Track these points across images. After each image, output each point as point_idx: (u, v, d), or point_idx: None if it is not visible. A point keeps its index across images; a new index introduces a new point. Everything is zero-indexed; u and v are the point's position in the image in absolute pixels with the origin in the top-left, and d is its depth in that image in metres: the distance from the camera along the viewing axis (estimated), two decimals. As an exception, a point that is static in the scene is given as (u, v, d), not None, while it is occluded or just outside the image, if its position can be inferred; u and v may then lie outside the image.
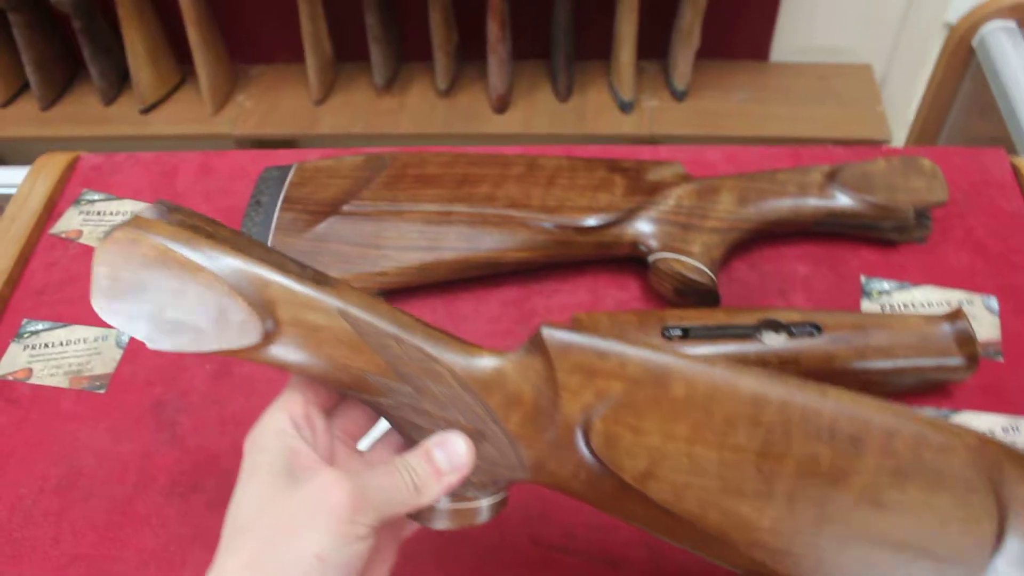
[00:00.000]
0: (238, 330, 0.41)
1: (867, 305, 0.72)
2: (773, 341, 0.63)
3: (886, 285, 0.73)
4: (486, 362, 0.44)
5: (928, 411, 0.66)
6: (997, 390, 0.67)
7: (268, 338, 0.41)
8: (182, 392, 0.71)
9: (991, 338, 0.70)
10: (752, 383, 0.44)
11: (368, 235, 0.70)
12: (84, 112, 1.86)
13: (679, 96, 1.69)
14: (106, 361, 0.74)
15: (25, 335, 0.76)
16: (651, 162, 0.75)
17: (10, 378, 0.73)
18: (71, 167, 0.90)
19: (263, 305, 0.41)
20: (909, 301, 0.72)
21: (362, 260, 0.70)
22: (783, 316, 0.63)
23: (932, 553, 0.43)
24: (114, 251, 0.40)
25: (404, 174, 0.74)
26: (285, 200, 0.74)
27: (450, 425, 0.44)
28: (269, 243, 0.72)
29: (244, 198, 0.83)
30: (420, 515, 0.45)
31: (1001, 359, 0.69)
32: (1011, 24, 0.95)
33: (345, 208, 0.72)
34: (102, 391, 0.72)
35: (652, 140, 1.67)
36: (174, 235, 0.40)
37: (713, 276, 0.68)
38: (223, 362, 0.72)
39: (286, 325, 0.41)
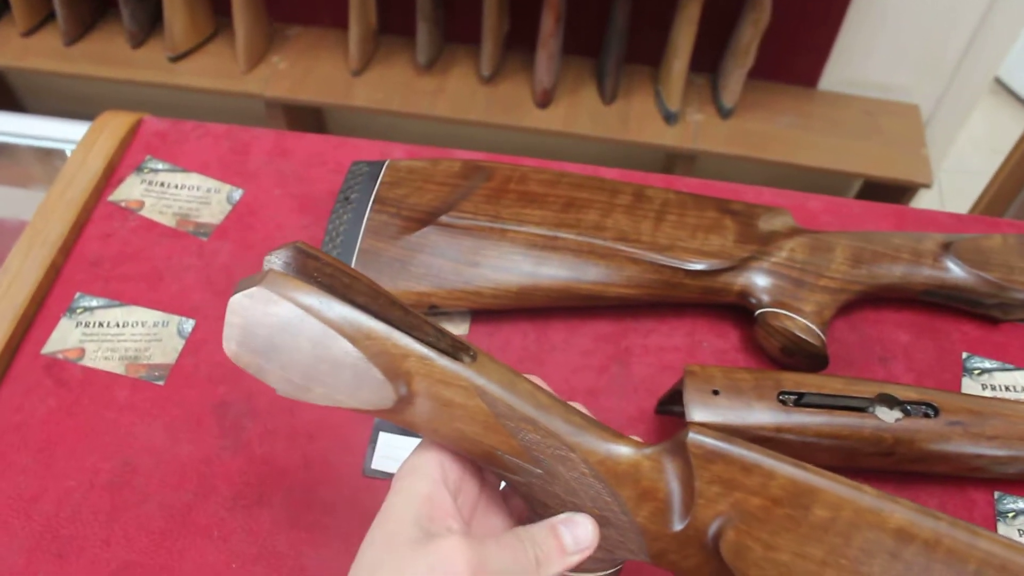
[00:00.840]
0: (372, 394, 0.40)
1: (968, 383, 0.69)
2: (888, 417, 0.60)
3: (988, 364, 0.70)
4: (623, 452, 0.43)
5: (1023, 503, 0.63)
6: (1094, 488, 0.65)
7: (401, 405, 0.41)
8: (249, 394, 0.67)
9: (1091, 432, 0.68)
10: (900, 518, 0.42)
11: (466, 251, 0.67)
12: (109, 52, 1.80)
13: (725, 114, 1.66)
14: (166, 350, 0.70)
15: (78, 310, 0.72)
16: (761, 207, 0.71)
17: (61, 356, 0.69)
18: (133, 130, 0.86)
19: (399, 375, 0.40)
20: (1012, 384, 0.70)
21: (457, 276, 0.66)
22: (900, 392, 0.61)
23: None
24: (249, 307, 0.38)
25: (506, 189, 0.70)
26: (376, 200, 0.70)
27: (578, 508, 0.44)
28: (358, 245, 0.68)
29: (321, 186, 0.79)
30: None
31: (1100, 456, 0.67)
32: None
33: (444, 219, 0.68)
34: (161, 383, 0.68)
35: (693, 155, 1.64)
36: (312, 300, 0.38)
37: (823, 337, 0.65)
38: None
39: (420, 397, 0.41)
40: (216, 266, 0.75)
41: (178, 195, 0.80)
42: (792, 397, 0.60)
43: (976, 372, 0.70)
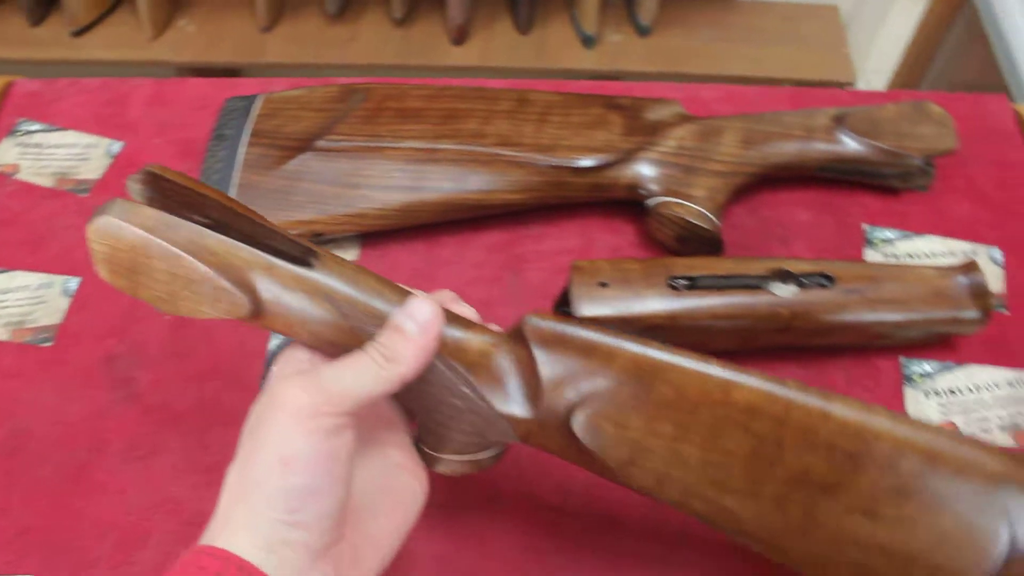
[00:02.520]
0: (229, 304, 0.41)
1: (870, 254, 0.69)
2: (783, 292, 0.59)
3: (889, 234, 0.70)
4: (472, 342, 0.44)
5: (928, 366, 0.63)
6: (1002, 343, 0.65)
7: (258, 313, 0.42)
8: (138, 345, 0.65)
9: (996, 290, 0.68)
10: (748, 393, 0.42)
11: (345, 173, 0.65)
12: (8, 33, 1.73)
13: (643, 32, 1.64)
14: (52, 311, 0.67)
15: (-41, 279, 0.69)
16: (649, 100, 0.70)
17: (-57, 329, 0.66)
18: (4, 94, 0.82)
19: (246, 285, 0.41)
20: (913, 251, 0.69)
21: (338, 200, 0.64)
22: (793, 266, 0.60)
23: (925, 564, 0.41)
24: (102, 234, 0.40)
25: (384, 107, 0.68)
26: (252, 134, 0.68)
27: (438, 400, 0.44)
28: (235, 180, 0.66)
29: (204, 131, 0.76)
30: (424, 454, 0.46)
31: (1006, 312, 0.67)
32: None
33: (319, 144, 0.66)
34: (48, 344, 0.65)
35: (614, 76, 1.62)
36: (156, 225, 0.40)
37: (717, 222, 0.64)
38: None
39: (271, 304, 0.42)
40: (99, 221, 0.72)
41: (55, 154, 0.77)
42: (684, 282, 0.59)
43: (878, 243, 0.69)
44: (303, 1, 1.71)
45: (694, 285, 0.58)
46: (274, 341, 0.65)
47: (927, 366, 0.63)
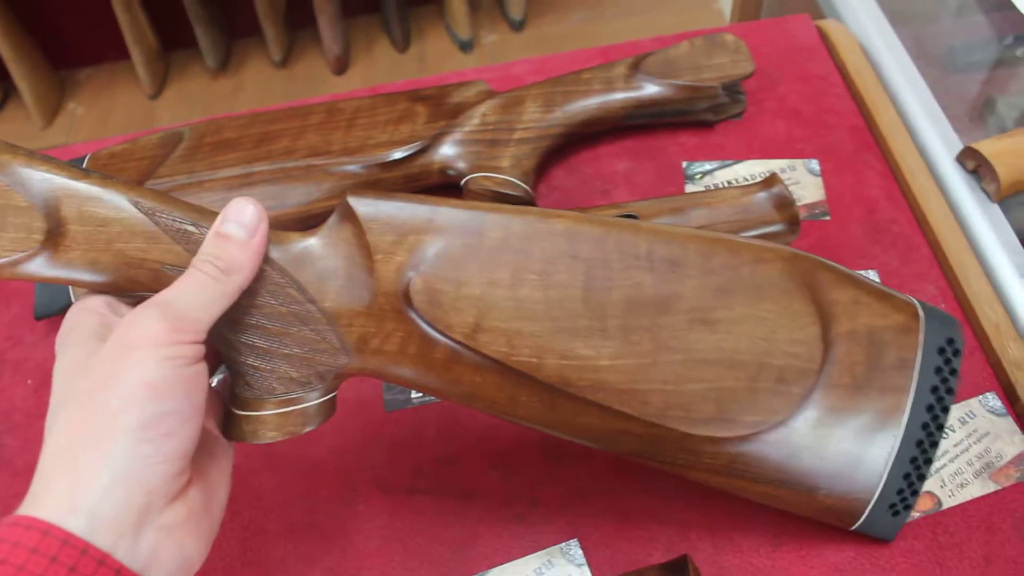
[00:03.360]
0: (17, 230, 0.37)
1: (691, 189, 0.71)
2: (594, 241, 0.61)
3: (708, 166, 0.72)
4: (292, 238, 0.42)
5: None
6: (827, 248, 0.67)
7: (52, 239, 0.38)
8: (3, 413, 0.67)
9: (817, 199, 0.70)
10: (565, 222, 0.44)
11: (169, 212, 0.67)
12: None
13: (517, 26, 1.67)
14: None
15: None
16: (453, 85, 0.72)
17: None
18: None
19: (45, 204, 0.38)
20: (732, 178, 0.71)
21: (168, 239, 0.66)
22: (598, 213, 0.62)
23: (769, 365, 0.45)
24: None
25: (201, 144, 0.70)
26: (80, 192, 0.70)
27: (260, 309, 0.41)
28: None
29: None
30: (244, 429, 0.42)
31: (828, 218, 0.69)
32: None
33: (141, 188, 0.68)
34: (-80, 429, 0.67)
35: (498, 75, 1.65)
36: None
37: (528, 187, 0.66)
38: (45, 375, 0.68)
39: (72, 223, 0.38)
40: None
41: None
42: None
43: (697, 176, 0.72)
44: (185, 62, 1.74)
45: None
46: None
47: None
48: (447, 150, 0.67)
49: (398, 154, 0.67)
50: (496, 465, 0.58)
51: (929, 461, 0.48)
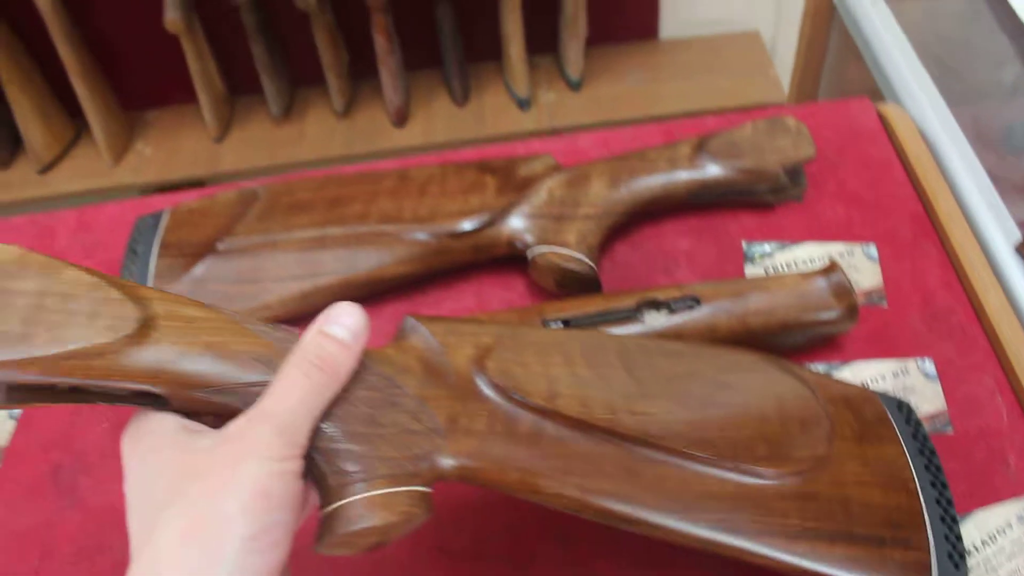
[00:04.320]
0: (112, 319, 0.38)
1: (751, 270, 0.73)
2: (655, 320, 0.63)
3: (767, 247, 0.74)
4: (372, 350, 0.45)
5: (819, 367, 0.66)
6: (884, 336, 0.68)
7: (143, 332, 0.38)
8: (80, 453, 0.69)
9: (874, 285, 0.71)
10: (584, 332, 0.56)
11: (246, 271, 0.69)
12: (-21, 179, 1.82)
13: (574, 86, 1.70)
14: (-1, 435, 0.72)
15: (-88, 420, 0.74)
16: (521, 158, 0.74)
17: (-99, 467, 0.71)
18: (-54, 241, 0.88)
19: (137, 300, 0.39)
20: (791, 260, 0.73)
21: (243, 297, 0.69)
22: (662, 294, 0.64)
23: (790, 415, 0.53)
24: None
25: (276, 204, 0.73)
26: (161, 247, 0.73)
27: (358, 399, 0.42)
28: (148, 292, 0.71)
29: (123, 250, 0.82)
30: (341, 525, 0.40)
31: (885, 305, 0.70)
32: (865, -26, 0.97)
33: (220, 247, 0.71)
34: (-3, 466, 0.70)
35: (552, 133, 1.68)
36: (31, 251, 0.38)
37: (592, 263, 0.68)
38: (121, 418, 0.71)
39: (162, 319, 0.39)
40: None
41: (-6, 292, 0.83)
42: (558, 324, 0.63)
43: (757, 257, 0.73)
44: (250, 108, 1.79)
45: (568, 325, 0.63)
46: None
47: (818, 368, 0.66)
48: (515, 223, 0.69)
49: (467, 225, 0.69)
50: (557, 535, 0.59)
51: (950, 502, 0.52)
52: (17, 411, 0.73)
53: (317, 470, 0.41)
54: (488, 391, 0.46)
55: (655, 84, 1.72)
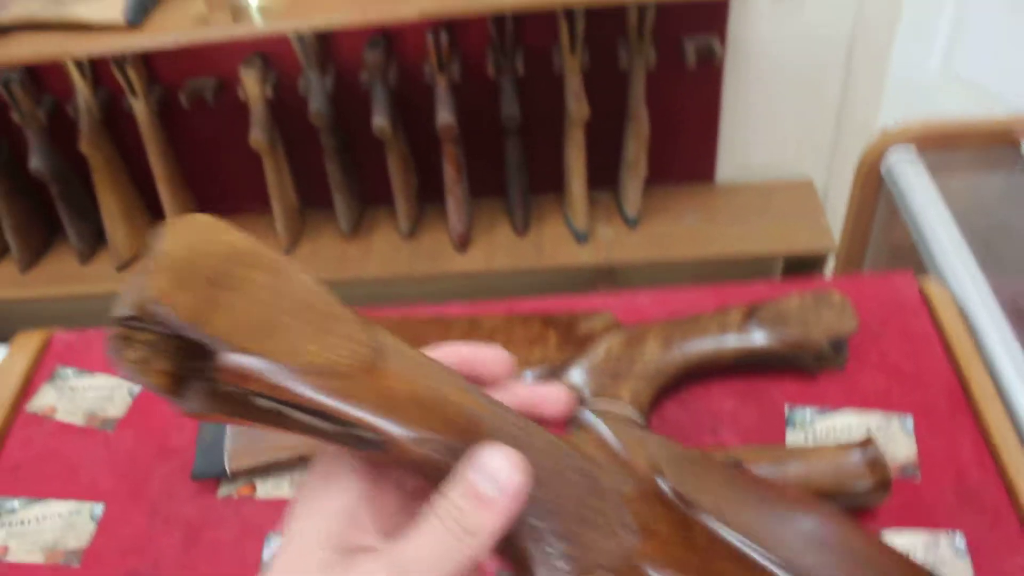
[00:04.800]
0: (345, 338, 0.35)
1: (791, 434, 0.77)
2: (700, 479, 0.67)
3: (808, 413, 0.78)
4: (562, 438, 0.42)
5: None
6: (917, 508, 0.72)
7: (376, 361, 0.35)
8: (154, 562, 0.74)
9: (909, 458, 0.75)
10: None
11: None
12: (62, 272, 1.93)
13: (631, 224, 1.77)
14: (80, 535, 0.77)
15: (2, 514, 0.80)
16: (583, 314, 0.80)
17: (-13, 560, 0.76)
18: (46, 344, 0.96)
19: (366, 324, 0.36)
20: (831, 427, 0.77)
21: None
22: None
23: None
24: (192, 229, 0.35)
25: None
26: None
27: (560, 499, 0.38)
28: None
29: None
30: None
31: (919, 478, 0.74)
32: (911, 153, 1.03)
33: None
34: (76, 565, 0.75)
35: (609, 268, 1.74)
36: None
37: (642, 421, 0.73)
38: (193, 531, 0.76)
39: (390, 351, 0.36)
40: (121, 453, 0.83)
41: (86, 396, 0.89)
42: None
43: (798, 423, 0.77)
44: (320, 221, 1.89)
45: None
46: (268, 551, 0.74)
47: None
48: (575, 377, 0.75)
49: (529, 375, 0.75)
50: None
51: None
52: (98, 512, 0.79)
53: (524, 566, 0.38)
54: (670, 495, 0.45)
55: (710, 226, 1.78)
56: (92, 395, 0.90)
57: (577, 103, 1.59)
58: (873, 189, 1.07)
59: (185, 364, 0.34)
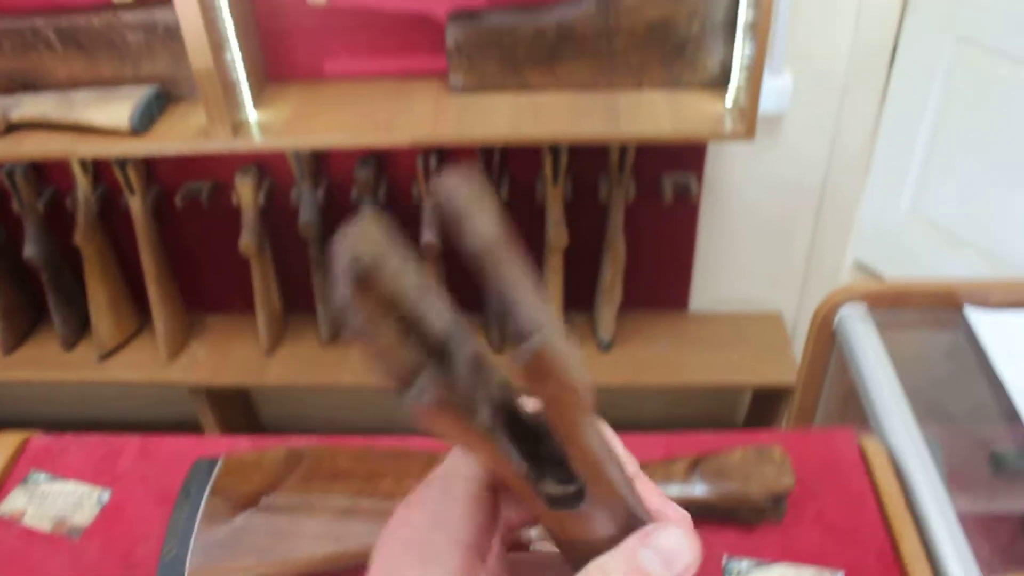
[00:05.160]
0: None
1: (727, 585, 0.81)
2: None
3: (744, 565, 0.82)
4: None
5: None
6: (842, 664, 0.75)
7: None
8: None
9: (840, 613, 0.79)
10: None
11: (282, 528, 0.79)
12: (45, 357, 1.96)
13: (604, 347, 1.82)
14: (38, 645, 0.80)
15: (-38, 618, 0.82)
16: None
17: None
18: (21, 448, 0.99)
19: None
20: (765, 579, 0.81)
21: (274, 551, 0.78)
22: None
23: None
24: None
25: (319, 469, 0.83)
26: (212, 491, 0.83)
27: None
28: (195, 532, 0.80)
29: (178, 482, 0.92)
30: None
31: (847, 634, 0.77)
32: (861, 309, 1.09)
33: (263, 501, 0.81)
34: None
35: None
36: None
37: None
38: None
39: None
40: (85, 564, 0.86)
41: (55, 502, 0.92)
42: None
43: (735, 574, 0.81)
44: (301, 327, 1.93)
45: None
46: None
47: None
48: (521, 518, 0.79)
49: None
50: None
51: None
52: (57, 623, 0.81)
53: None
54: None
55: (681, 353, 1.83)
56: (61, 501, 0.93)
57: (557, 231, 1.66)
58: (826, 341, 1.13)
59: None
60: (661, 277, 1.89)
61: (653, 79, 1.53)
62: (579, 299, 1.85)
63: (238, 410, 2.10)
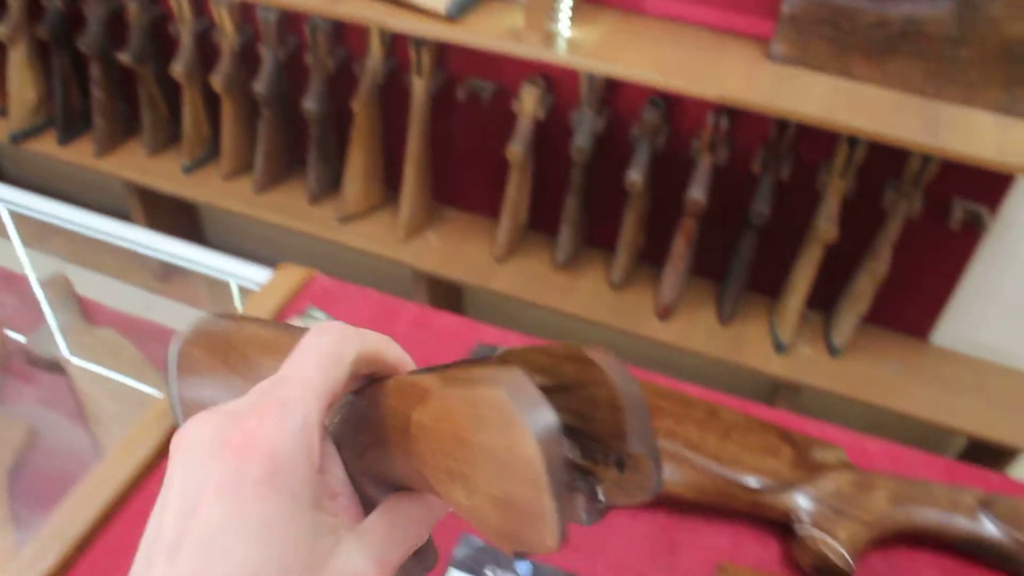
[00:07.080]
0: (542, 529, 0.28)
1: (989, 634, 0.76)
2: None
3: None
4: None
5: None
6: None
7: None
8: None
9: None
10: None
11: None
12: (291, 205, 2.05)
13: (834, 352, 1.75)
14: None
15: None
16: (818, 441, 0.81)
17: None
18: (305, 282, 1.03)
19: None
20: (1030, 643, 0.75)
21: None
22: None
23: None
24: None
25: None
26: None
27: None
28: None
29: (447, 357, 0.93)
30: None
31: None
32: None
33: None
34: None
35: (797, 386, 1.73)
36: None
37: (852, 564, 0.73)
38: None
39: None
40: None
41: (330, 344, 0.96)
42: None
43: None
44: (537, 244, 1.94)
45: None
46: None
47: None
48: (800, 500, 0.76)
49: (755, 483, 0.76)
50: None
51: None
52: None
53: None
54: None
55: (910, 381, 1.74)
56: (335, 344, 0.96)
57: (827, 224, 1.59)
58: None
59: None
60: (913, 301, 1.79)
61: (987, 99, 1.43)
62: (821, 296, 1.78)
63: (452, 308, 2.14)
